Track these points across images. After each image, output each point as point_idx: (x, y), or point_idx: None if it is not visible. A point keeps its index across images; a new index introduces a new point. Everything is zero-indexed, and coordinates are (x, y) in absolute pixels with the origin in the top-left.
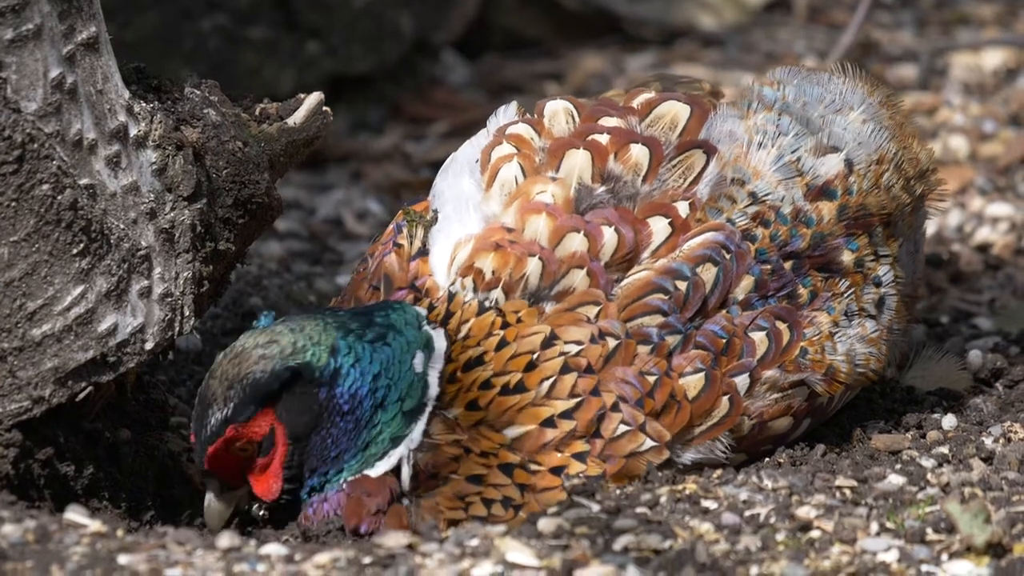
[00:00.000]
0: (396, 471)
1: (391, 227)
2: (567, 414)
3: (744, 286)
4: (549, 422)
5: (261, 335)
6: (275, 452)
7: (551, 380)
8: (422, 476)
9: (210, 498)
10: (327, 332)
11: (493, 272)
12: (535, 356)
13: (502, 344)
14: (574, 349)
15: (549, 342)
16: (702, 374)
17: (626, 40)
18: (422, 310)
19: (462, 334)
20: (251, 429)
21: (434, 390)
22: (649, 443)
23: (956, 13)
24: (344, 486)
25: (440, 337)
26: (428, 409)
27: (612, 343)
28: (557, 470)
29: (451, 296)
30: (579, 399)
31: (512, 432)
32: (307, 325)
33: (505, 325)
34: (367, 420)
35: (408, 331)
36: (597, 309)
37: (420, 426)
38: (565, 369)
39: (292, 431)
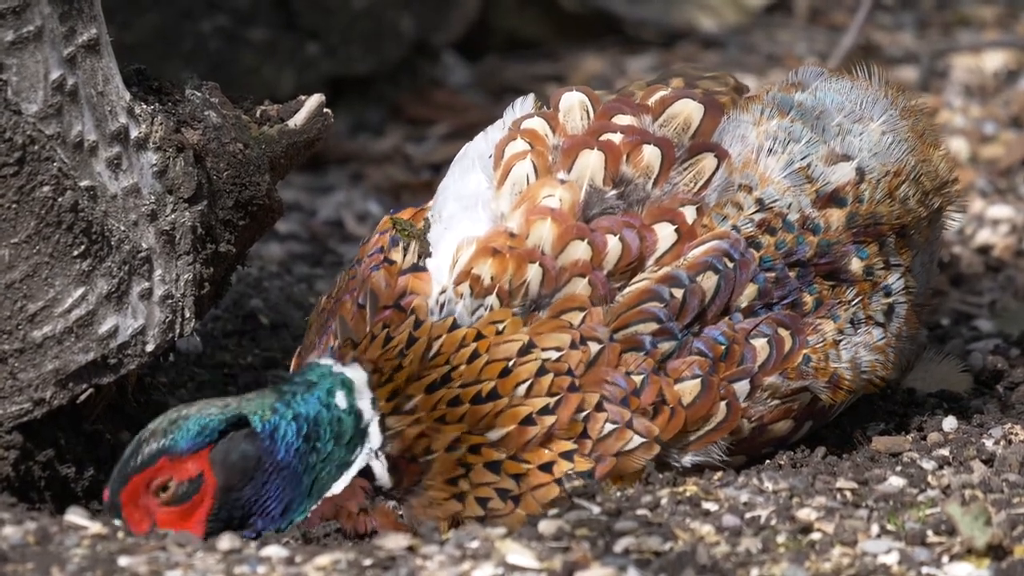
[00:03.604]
0: (366, 475)
1: (377, 236)
2: (546, 410)
3: (748, 294)
4: (528, 420)
5: (204, 400)
6: (200, 504)
7: (527, 383)
8: (401, 464)
9: None
10: (267, 396)
11: (492, 278)
12: (510, 363)
13: (474, 356)
14: (554, 355)
15: (526, 350)
16: (698, 380)
17: (626, 41)
18: (328, 361)
19: (432, 352)
20: (183, 465)
21: (369, 414)
22: (638, 439)
23: (957, 15)
24: (308, 515)
25: (355, 370)
26: (376, 420)
27: (595, 348)
28: (546, 467)
29: (417, 323)
30: (558, 396)
31: (493, 435)
32: (249, 394)
33: (479, 337)
34: (304, 467)
35: (322, 380)
36: (581, 315)
37: (375, 431)
38: (542, 372)
39: (223, 481)
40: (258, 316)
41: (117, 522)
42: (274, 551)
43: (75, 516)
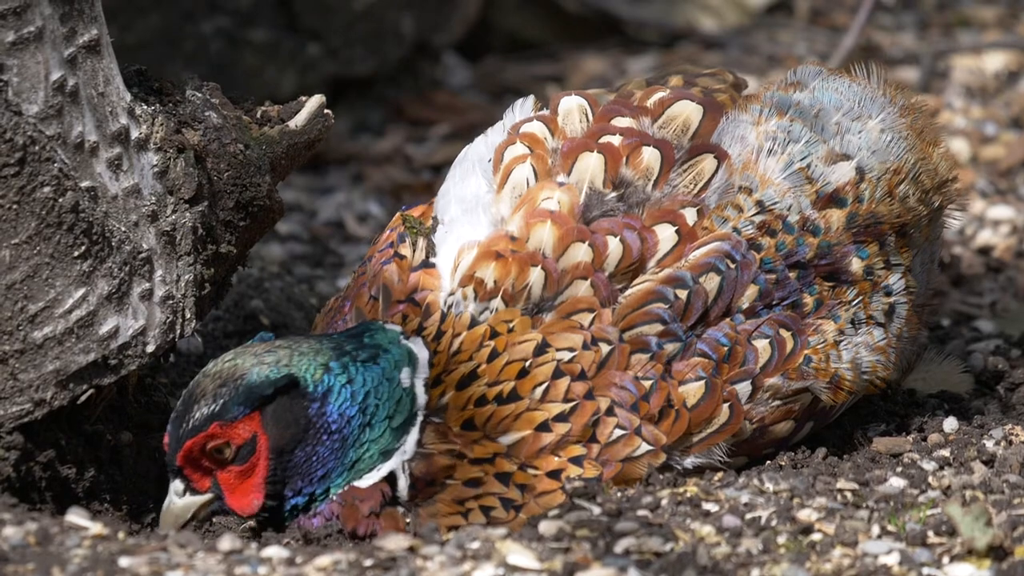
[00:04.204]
0: (390, 481)
1: (388, 231)
2: (562, 417)
3: (749, 295)
4: (544, 426)
5: (259, 346)
6: (256, 464)
7: (544, 385)
8: (420, 485)
9: (171, 499)
10: (323, 352)
11: (495, 282)
12: (527, 363)
13: (493, 355)
14: (567, 356)
15: (541, 349)
16: (702, 382)
17: (627, 42)
18: (396, 327)
19: (454, 348)
20: (234, 430)
21: (422, 399)
22: (645, 447)
23: (957, 15)
24: (334, 498)
25: (419, 346)
26: (420, 419)
27: (605, 349)
28: (554, 474)
29: (443, 316)
30: (574, 403)
31: (507, 439)
32: (303, 343)
33: (495, 335)
34: (354, 439)
35: (393, 349)
36: (591, 316)
37: (413, 437)
38: (558, 374)
39: (276, 443)
40: (259, 317)
41: (177, 482)
42: (275, 552)
43: (76, 517)
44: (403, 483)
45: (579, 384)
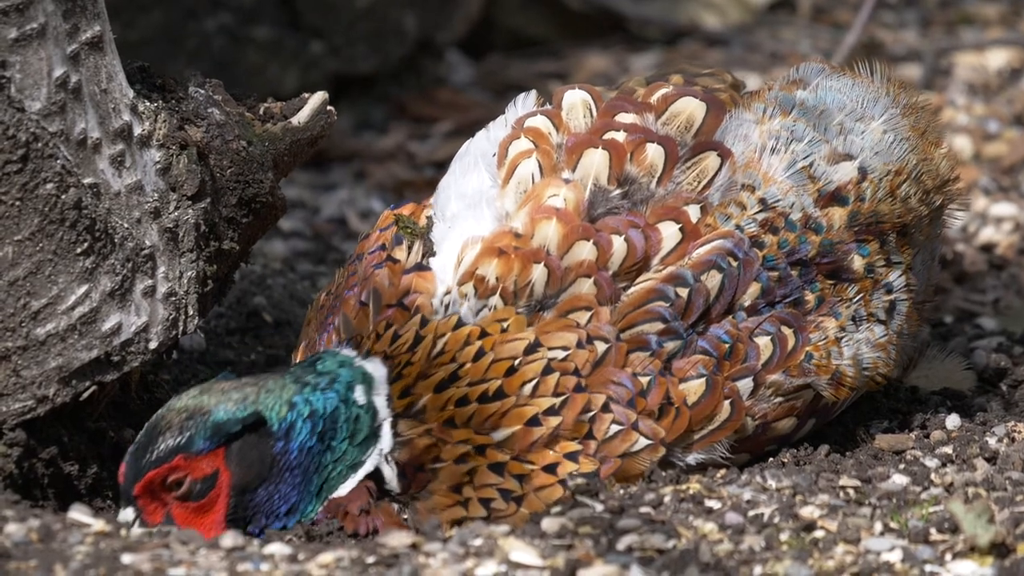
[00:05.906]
0: (375, 478)
1: (378, 232)
2: (552, 411)
3: (751, 292)
4: (534, 420)
5: (225, 382)
6: (216, 501)
7: (533, 382)
8: (409, 471)
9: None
10: (287, 387)
11: (497, 279)
12: (516, 362)
13: (479, 354)
14: (560, 354)
15: (532, 348)
16: (703, 379)
17: (630, 40)
18: (351, 352)
19: (436, 350)
20: (198, 464)
21: (384, 412)
22: (644, 442)
23: (960, 13)
24: (317, 515)
25: (376, 365)
26: (388, 420)
27: (601, 347)
28: (551, 468)
29: (424, 321)
30: (563, 396)
31: (498, 435)
32: (269, 380)
33: (483, 335)
34: (316, 466)
35: (342, 372)
36: (588, 315)
37: (386, 434)
38: (548, 371)
39: (238, 480)
40: (261, 314)
41: (128, 510)
42: (277, 549)
43: (78, 513)
44: (389, 473)
45: (570, 379)
